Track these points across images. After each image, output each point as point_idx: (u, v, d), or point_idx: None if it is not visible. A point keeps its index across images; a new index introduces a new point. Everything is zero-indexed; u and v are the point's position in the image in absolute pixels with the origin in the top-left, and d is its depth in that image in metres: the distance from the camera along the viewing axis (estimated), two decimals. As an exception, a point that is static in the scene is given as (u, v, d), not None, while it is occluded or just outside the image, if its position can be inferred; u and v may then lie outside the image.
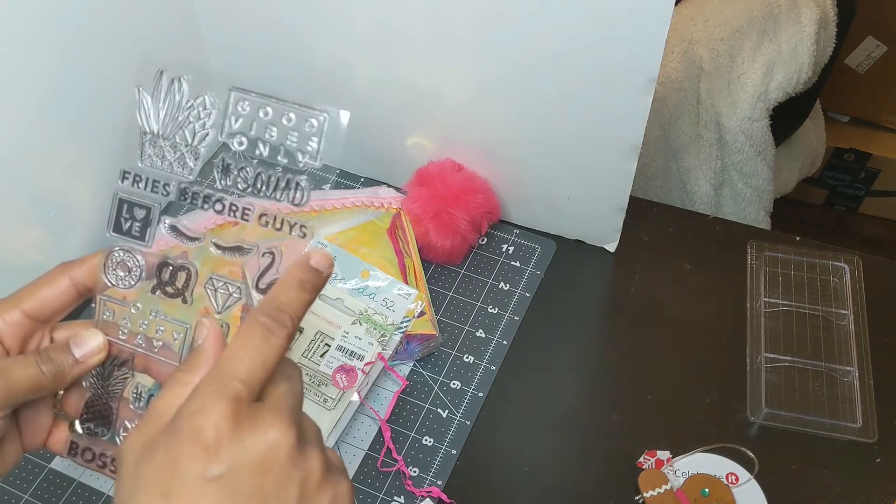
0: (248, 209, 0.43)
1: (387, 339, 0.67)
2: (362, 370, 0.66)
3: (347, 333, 0.67)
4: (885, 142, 1.64)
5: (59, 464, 0.65)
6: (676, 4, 0.90)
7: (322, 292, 0.71)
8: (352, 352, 0.67)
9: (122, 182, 0.45)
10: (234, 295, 0.45)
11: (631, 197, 0.72)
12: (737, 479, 0.63)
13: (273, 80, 0.77)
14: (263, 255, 0.44)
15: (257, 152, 0.42)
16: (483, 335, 0.73)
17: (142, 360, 0.46)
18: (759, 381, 0.68)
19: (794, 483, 0.63)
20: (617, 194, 0.72)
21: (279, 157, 0.42)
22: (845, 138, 1.63)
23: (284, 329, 0.39)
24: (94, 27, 0.67)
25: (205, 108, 0.43)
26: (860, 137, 1.64)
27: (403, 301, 0.69)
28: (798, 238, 0.78)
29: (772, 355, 0.69)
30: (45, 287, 0.45)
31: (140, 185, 0.45)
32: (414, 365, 0.71)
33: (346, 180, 0.85)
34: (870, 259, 0.75)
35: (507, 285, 0.76)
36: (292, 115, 0.41)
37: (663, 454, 0.64)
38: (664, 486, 0.62)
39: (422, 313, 0.69)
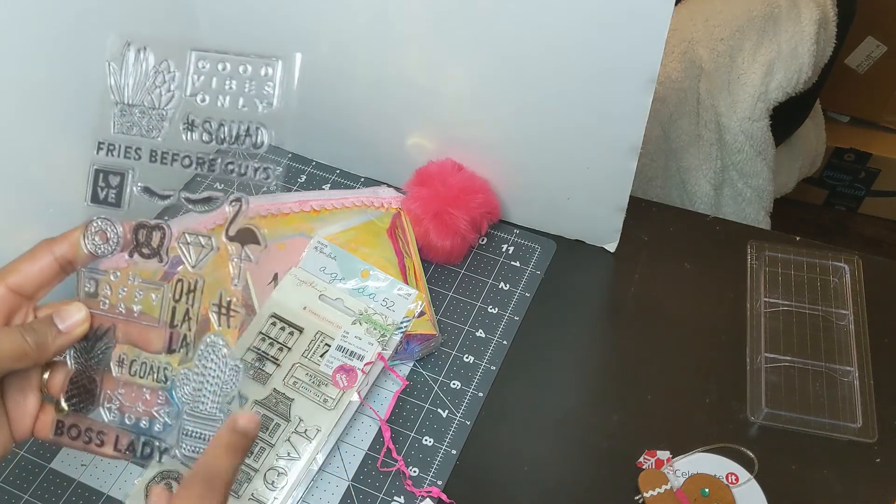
0: (214, 160, 0.45)
1: (387, 339, 0.67)
2: (362, 370, 0.66)
3: (347, 333, 0.68)
4: (885, 142, 1.64)
5: (59, 464, 0.65)
6: (676, 4, 0.90)
7: (322, 292, 0.72)
8: (352, 352, 0.67)
9: (98, 153, 0.46)
10: (206, 248, 0.46)
11: (631, 197, 0.72)
12: (737, 479, 0.63)
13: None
14: (231, 204, 0.45)
15: (219, 104, 0.44)
16: (483, 335, 0.73)
17: (123, 331, 0.47)
18: (759, 381, 0.68)
19: (794, 483, 0.63)
20: (617, 194, 0.72)
21: (239, 107, 0.44)
22: (845, 138, 1.63)
23: (218, 499, 0.42)
24: (95, 27, 0.68)
25: (169, 72, 0.45)
26: (860, 137, 1.64)
27: (403, 301, 0.69)
28: (798, 238, 0.78)
29: (772, 355, 0.69)
30: (28, 262, 0.46)
31: (114, 154, 0.46)
32: (414, 365, 0.71)
33: (346, 180, 0.85)
34: (870, 259, 0.75)
35: (507, 285, 0.76)
36: (248, 66, 0.44)
37: (663, 454, 0.64)
38: (664, 486, 0.62)
39: (422, 313, 0.69)
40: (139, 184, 0.47)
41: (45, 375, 0.48)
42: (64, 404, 0.48)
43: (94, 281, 0.48)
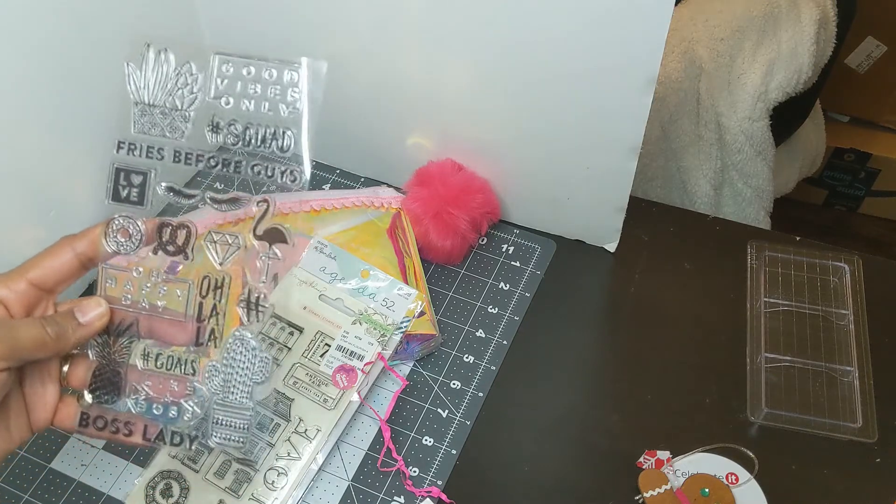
0: (240, 162, 0.46)
1: (387, 339, 0.67)
2: (362, 370, 0.66)
3: (347, 333, 0.68)
4: (885, 142, 1.64)
5: (59, 464, 0.65)
6: (676, 4, 0.90)
7: (322, 292, 0.72)
8: (352, 352, 0.67)
9: (118, 152, 0.47)
10: (233, 246, 0.48)
11: (631, 197, 0.72)
12: (737, 479, 0.63)
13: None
14: (258, 204, 0.47)
15: (243, 108, 0.45)
16: (483, 335, 0.73)
17: (146, 325, 0.49)
18: (759, 381, 0.68)
19: (794, 483, 0.63)
20: (617, 194, 0.72)
21: (263, 111, 0.45)
22: (845, 138, 1.63)
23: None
24: (94, 26, 0.68)
25: (191, 74, 0.46)
26: (860, 137, 1.64)
27: (403, 301, 0.69)
28: (798, 238, 0.78)
29: (772, 355, 0.69)
30: (49, 258, 0.47)
31: (135, 153, 0.47)
32: (414, 365, 0.71)
33: (346, 180, 0.85)
34: (870, 259, 0.75)
35: (507, 285, 0.76)
36: (273, 71, 0.45)
37: (663, 454, 0.64)
38: (664, 486, 0.62)
39: (422, 313, 0.69)
40: (163, 183, 0.47)
41: (65, 368, 0.49)
42: (88, 396, 0.49)
43: (115, 279, 0.49)
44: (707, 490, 0.61)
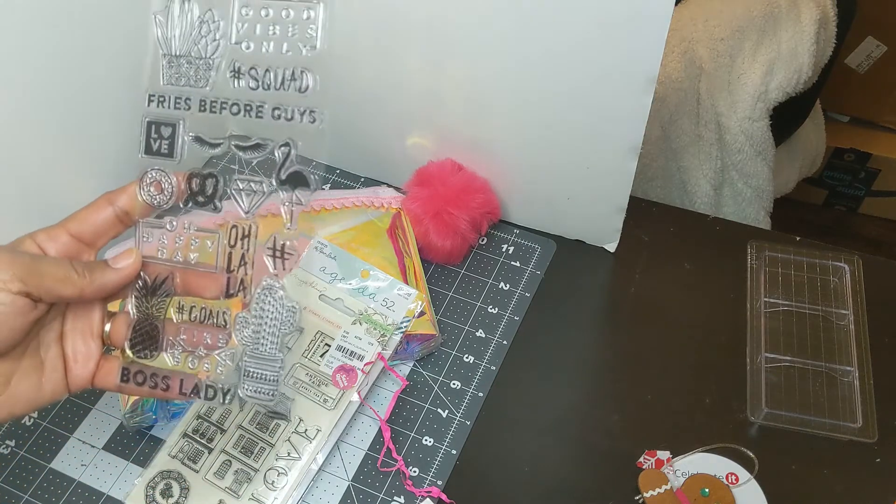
0: (262, 106, 0.46)
1: (387, 339, 0.67)
2: (362, 370, 0.66)
3: (347, 333, 0.68)
4: (885, 142, 1.64)
5: (59, 464, 0.65)
6: (676, 4, 0.90)
7: (322, 292, 0.72)
8: (352, 352, 0.67)
9: (149, 105, 0.48)
10: (259, 193, 0.48)
11: (631, 197, 0.72)
12: (737, 479, 0.63)
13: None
14: (281, 147, 0.47)
15: (263, 50, 0.45)
16: (483, 335, 0.73)
17: (181, 279, 0.50)
18: (759, 381, 0.68)
19: (794, 483, 0.63)
20: (617, 194, 0.72)
21: (282, 52, 0.45)
22: (845, 138, 1.63)
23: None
24: (93, 26, 0.68)
25: (213, 21, 0.46)
26: (860, 137, 1.64)
27: (403, 301, 0.69)
28: (798, 238, 0.78)
29: (772, 355, 0.69)
30: (89, 212, 0.49)
31: (164, 105, 0.48)
32: (414, 365, 0.71)
33: (346, 180, 0.85)
34: (870, 259, 0.75)
35: (507, 285, 0.76)
36: (290, 10, 0.45)
37: (663, 454, 0.64)
38: (664, 486, 0.62)
39: (422, 313, 0.69)
40: (190, 133, 0.48)
41: (107, 327, 0.50)
42: (129, 351, 0.50)
43: (150, 233, 0.49)
44: (707, 490, 0.61)
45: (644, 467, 0.63)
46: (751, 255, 0.76)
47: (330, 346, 0.67)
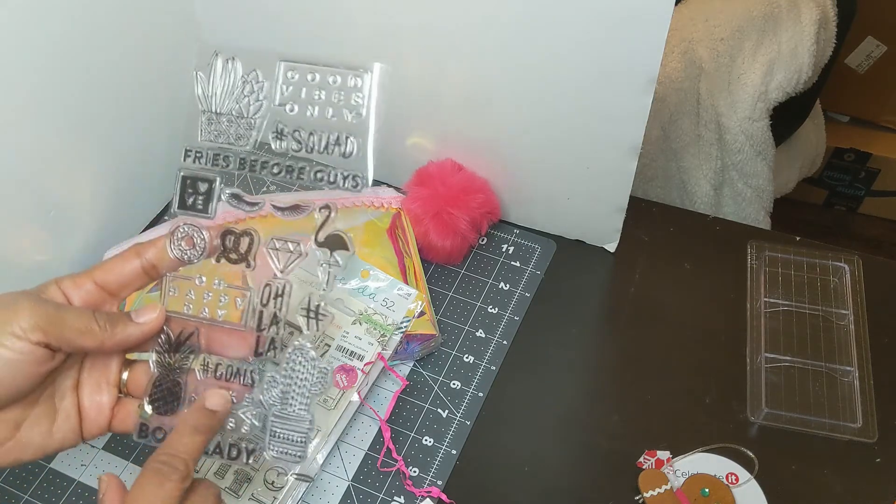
0: (303, 168, 0.46)
1: (387, 339, 0.67)
2: (362, 370, 0.66)
3: (347, 333, 0.68)
4: (885, 142, 1.64)
5: (59, 464, 0.65)
6: (676, 4, 0.90)
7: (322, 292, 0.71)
8: (352, 352, 0.67)
9: (185, 160, 0.47)
10: (294, 254, 0.48)
11: (631, 197, 0.72)
12: (737, 479, 0.63)
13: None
14: (321, 210, 0.47)
15: (308, 114, 0.45)
16: (483, 335, 0.73)
17: (205, 339, 0.49)
18: (759, 381, 0.68)
19: (794, 483, 0.63)
20: (617, 194, 0.72)
21: (327, 117, 0.45)
22: (845, 138, 1.63)
23: (177, 473, 0.43)
24: (93, 26, 0.68)
25: (257, 81, 0.46)
26: (860, 137, 1.64)
27: (403, 301, 0.69)
28: (798, 238, 0.78)
29: (772, 355, 0.69)
30: (117, 262, 0.48)
31: (202, 161, 0.47)
32: (414, 365, 0.71)
33: (346, 180, 0.84)
34: (870, 259, 0.75)
35: (507, 285, 0.76)
36: (338, 77, 0.45)
37: (663, 454, 0.64)
38: (664, 486, 0.62)
39: (422, 313, 0.69)
40: (227, 192, 0.47)
41: (125, 375, 0.50)
42: (147, 407, 0.49)
43: (177, 288, 0.49)
44: (707, 490, 0.61)
45: (644, 467, 0.63)
46: (751, 255, 0.76)
47: (330, 346, 0.67)
